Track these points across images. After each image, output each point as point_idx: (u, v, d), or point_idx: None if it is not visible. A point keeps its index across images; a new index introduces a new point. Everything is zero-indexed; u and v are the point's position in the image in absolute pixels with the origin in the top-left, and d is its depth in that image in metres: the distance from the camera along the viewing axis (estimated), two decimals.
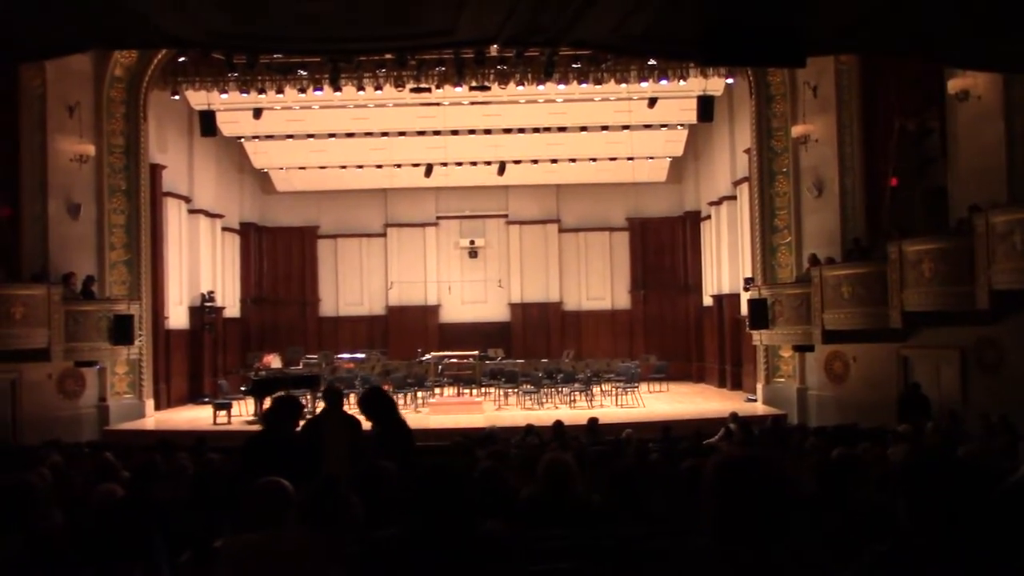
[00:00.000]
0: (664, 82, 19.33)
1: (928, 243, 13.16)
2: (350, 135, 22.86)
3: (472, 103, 21.35)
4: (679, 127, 23.30)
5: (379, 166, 24.46)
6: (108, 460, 8.65)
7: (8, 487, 4.80)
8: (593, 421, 13.51)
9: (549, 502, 5.21)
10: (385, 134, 22.82)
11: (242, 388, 19.03)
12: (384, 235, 26.88)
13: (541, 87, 19.51)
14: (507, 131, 22.84)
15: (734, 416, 14.00)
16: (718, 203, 22.80)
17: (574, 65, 18.83)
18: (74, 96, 16.96)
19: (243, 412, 18.24)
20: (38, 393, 16.12)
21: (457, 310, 26.63)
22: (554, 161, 24.39)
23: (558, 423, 12.79)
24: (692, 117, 21.19)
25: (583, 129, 22.80)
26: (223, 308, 23.48)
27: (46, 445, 11.46)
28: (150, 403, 18.49)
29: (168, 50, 17.47)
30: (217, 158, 23.53)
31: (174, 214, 20.83)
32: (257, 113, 20.99)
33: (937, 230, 13.72)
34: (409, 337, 25.57)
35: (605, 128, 22.80)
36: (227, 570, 3.47)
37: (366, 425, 7.75)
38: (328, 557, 3.46)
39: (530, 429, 13.15)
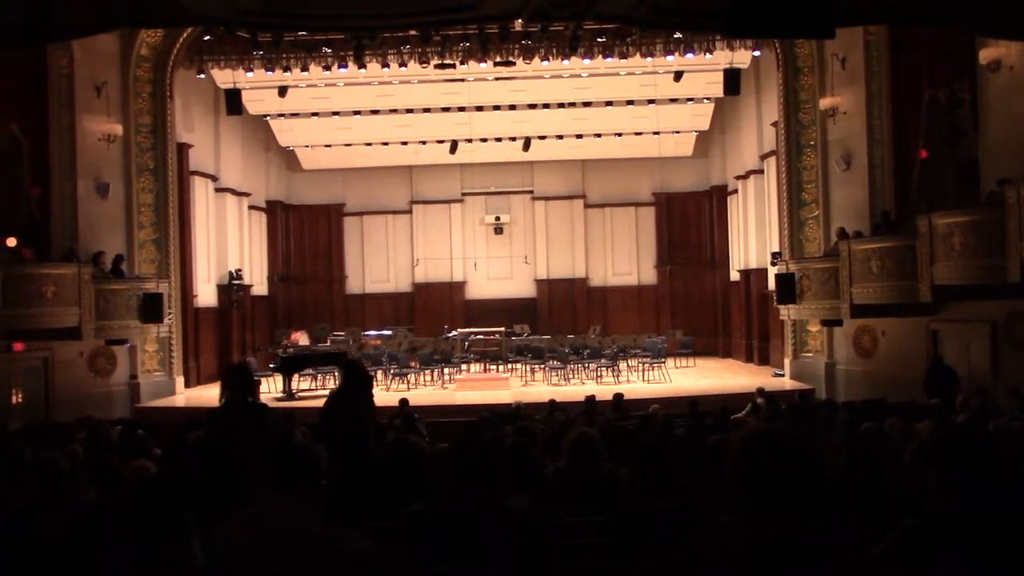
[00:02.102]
0: (690, 55, 19.13)
1: (958, 216, 12.99)
2: (375, 112, 22.85)
3: (497, 79, 21.27)
4: (705, 101, 23.11)
5: (404, 143, 24.48)
6: (140, 437, 8.77)
7: (39, 464, 4.88)
8: (618, 397, 13.52)
9: (576, 478, 5.22)
10: (410, 111, 22.79)
11: (271, 365, 19.20)
12: (410, 212, 26.91)
13: (566, 62, 19.38)
14: (532, 106, 22.75)
15: (761, 391, 13.97)
16: (745, 177, 22.63)
17: (599, 39, 18.68)
18: (101, 76, 17.05)
19: (272, 389, 18.40)
20: (70, 371, 16.33)
21: (483, 286, 26.66)
22: (579, 136, 24.29)
23: (590, 398, 12.81)
24: (718, 90, 21.00)
25: (608, 104, 22.66)
26: (251, 286, 23.63)
27: (79, 422, 11.62)
28: (180, 380, 18.69)
29: (193, 29, 17.50)
30: (243, 136, 23.61)
31: (201, 193, 20.94)
32: (282, 91, 21.01)
33: (968, 202, 13.54)
34: (435, 314, 25.65)
35: (631, 102, 22.65)
36: (225, 554, 3.34)
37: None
38: (318, 521, 3.34)
39: (553, 405, 13.18)
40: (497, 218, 26.59)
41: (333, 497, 5.62)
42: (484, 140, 24.08)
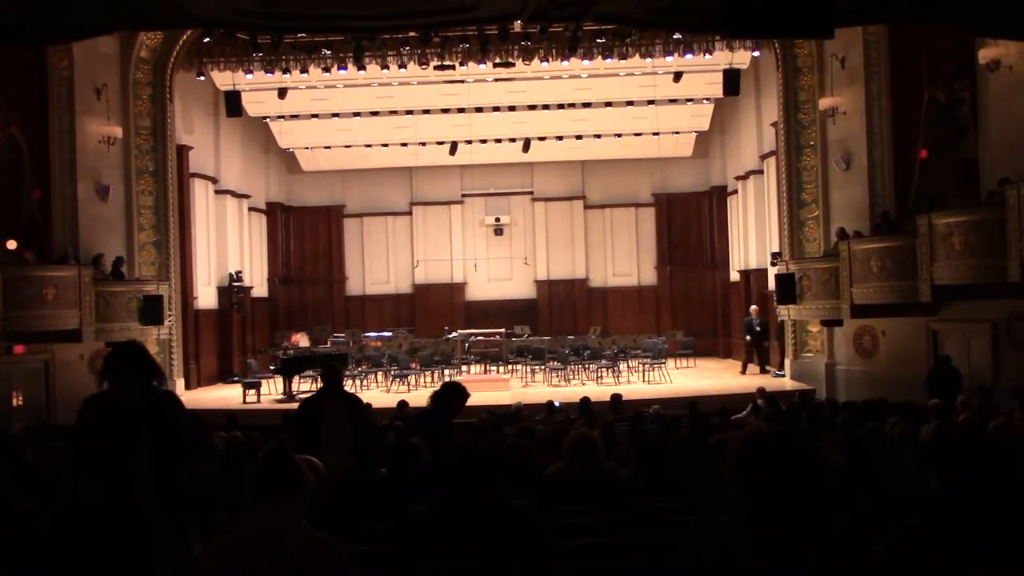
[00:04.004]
0: (689, 56, 19.14)
1: (959, 215, 12.99)
2: (375, 114, 22.85)
3: (496, 80, 21.27)
4: (705, 101, 23.11)
5: (404, 144, 24.46)
6: None
7: (41, 466, 4.88)
8: (616, 397, 13.52)
9: (576, 478, 5.23)
10: (409, 112, 22.78)
11: (271, 367, 19.20)
12: (410, 213, 26.91)
13: (565, 63, 19.38)
14: (532, 107, 22.75)
15: (762, 391, 13.97)
16: (745, 177, 22.63)
17: (598, 40, 18.68)
18: (101, 78, 17.05)
19: (272, 391, 18.40)
20: (71, 373, 16.31)
21: (483, 288, 26.66)
22: (579, 137, 24.28)
23: (584, 399, 12.81)
24: (718, 91, 21.00)
25: (608, 104, 22.66)
26: (251, 288, 23.63)
27: None
28: (180, 382, 18.68)
29: (193, 31, 17.51)
30: (243, 138, 23.62)
31: (201, 195, 20.94)
32: (282, 93, 21.01)
33: (968, 202, 13.55)
34: (435, 315, 25.64)
35: (630, 103, 22.65)
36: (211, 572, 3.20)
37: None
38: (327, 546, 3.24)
39: (552, 406, 13.17)
40: (497, 219, 26.58)
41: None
42: (484, 141, 24.07)
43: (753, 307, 21.04)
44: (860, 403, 12.79)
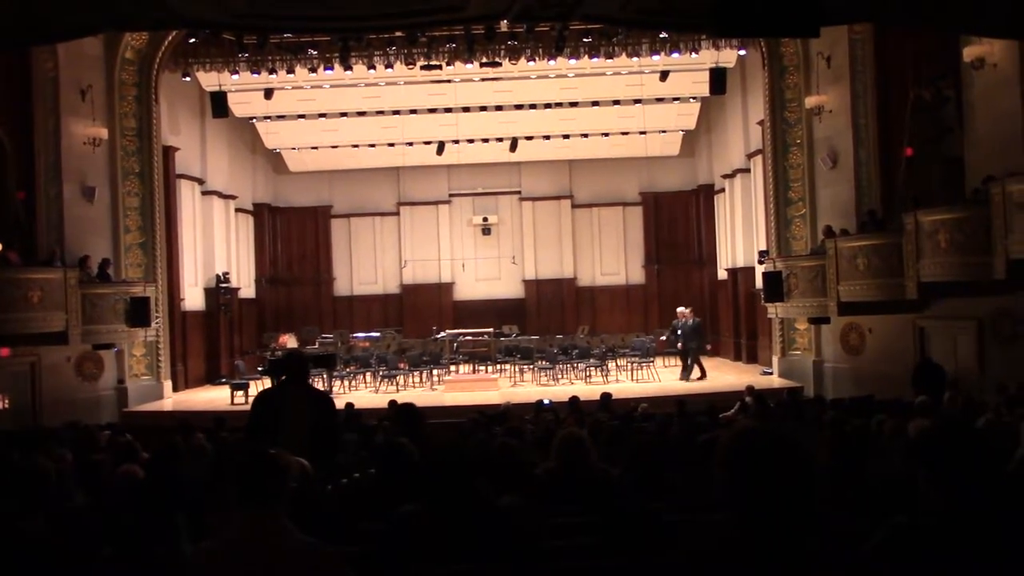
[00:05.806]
0: (676, 55, 19.15)
1: (944, 213, 13.05)
2: (361, 114, 22.81)
3: (483, 79, 21.26)
4: (692, 100, 23.16)
5: (391, 144, 24.42)
6: (128, 441, 8.75)
7: (27, 470, 4.85)
8: (606, 396, 13.54)
9: (565, 477, 5.22)
10: (396, 112, 22.75)
11: (259, 368, 19.15)
12: (397, 214, 26.87)
13: (552, 62, 19.38)
14: (519, 107, 22.75)
15: (750, 389, 14.00)
16: (731, 176, 22.69)
17: (585, 39, 18.68)
18: (86, 79, 16.97)
19: None
20: (57, 376, 16.24)
21: (471, 287, 26.64)
22: (566, 136, 24.30)
23: (574, 399, 12.82)
24: (704, 90, 21.04)
25: (595, 104, 22.68)
26: (238, 289, 23.56)
27: (66, 427, 11.56)
28: (168, 384, 18.60)
29: (178, 32, 17.44)
30: (229, 139, 23.54)
31: (187, 196, 20.87)
32: (268, 93, 20.96)
33: (953, 200, 13.61)
34: (424, 315, 25.61)
35: (617, 102, 22.68)
36: None
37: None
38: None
39: (541, 404, 13.17)
40: (485, 219, 26.58)
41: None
42: (471, 141, 24.06)
43: (679, 308, 20.53)
44: (847, 400, 12.84)
